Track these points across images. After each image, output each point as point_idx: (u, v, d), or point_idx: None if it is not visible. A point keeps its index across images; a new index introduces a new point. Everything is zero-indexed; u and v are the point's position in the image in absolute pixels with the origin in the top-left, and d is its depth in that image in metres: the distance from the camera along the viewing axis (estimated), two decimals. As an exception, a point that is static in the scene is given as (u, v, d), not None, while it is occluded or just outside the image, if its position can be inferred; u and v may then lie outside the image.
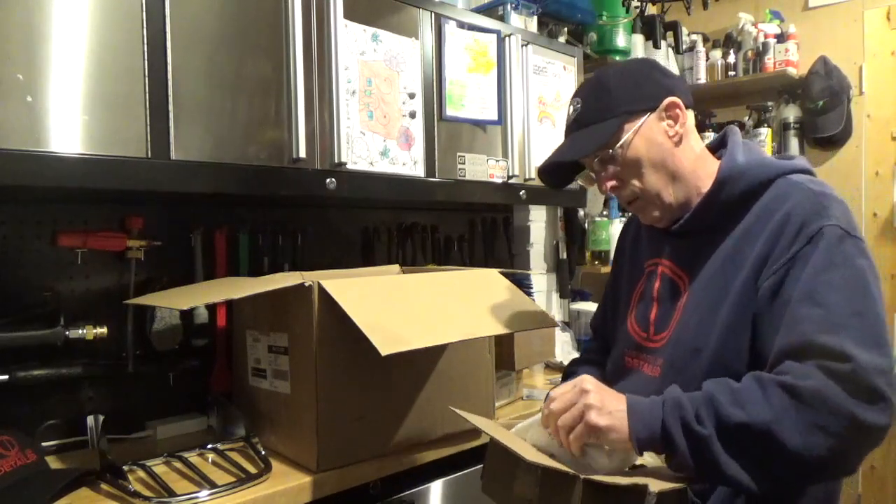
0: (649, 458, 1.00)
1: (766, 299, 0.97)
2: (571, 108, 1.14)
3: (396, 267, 1.72)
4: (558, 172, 1.19)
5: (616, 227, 2.73)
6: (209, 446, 1.34)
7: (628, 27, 2.71)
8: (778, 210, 1.01)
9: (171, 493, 1.12)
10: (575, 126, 1.12)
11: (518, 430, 1.09)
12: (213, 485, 1.15)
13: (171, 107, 1.18)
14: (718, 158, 1.12)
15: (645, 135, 1.07)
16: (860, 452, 0.89)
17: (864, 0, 2.98)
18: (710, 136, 3.14)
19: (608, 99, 1.09)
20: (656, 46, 2.89)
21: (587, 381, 0.98)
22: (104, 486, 1.16)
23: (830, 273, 0.93)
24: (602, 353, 1.30)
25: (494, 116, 1.79)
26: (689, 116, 1.11)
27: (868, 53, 2.98)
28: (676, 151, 1.08)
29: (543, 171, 1.20)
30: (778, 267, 0.97)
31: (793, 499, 1.01)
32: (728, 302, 1.01)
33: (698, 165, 1.10)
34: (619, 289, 1.29)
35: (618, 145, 1.07)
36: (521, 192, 1.88)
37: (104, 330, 1.39)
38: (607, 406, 0.95)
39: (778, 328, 0.94)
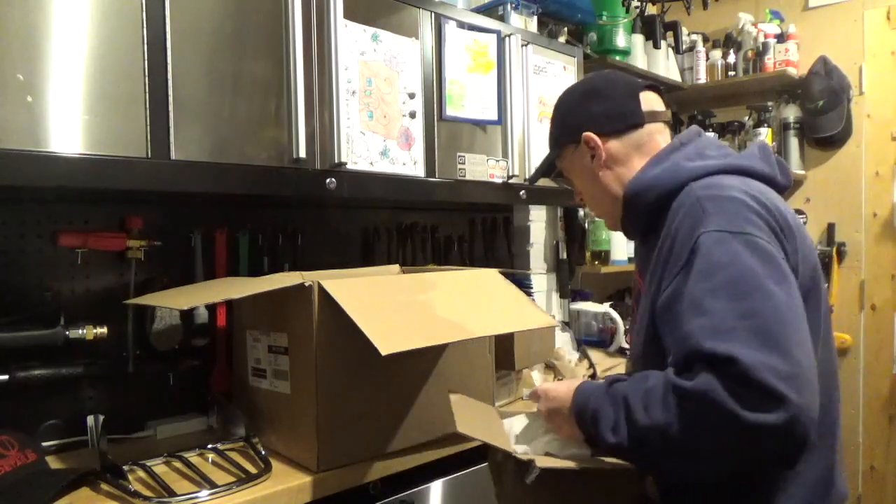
0: None
1: (662, 312, 0.98)
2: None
3: (396, 267, 1.72)
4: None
5: (616, 227, 2.73)
6: (209, 446, 1.34)
7: (628, 27, 2.71)
8: (675, 218, 1.02)
9: (171, 493, 1.12)
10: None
11: (510, 420, 1.22)
12: (213, 485, 1.15)
13: (171, 107, 1.18)
14: None
15: (574, 162, 1.23)
16: (761, 452, 0.85)
17: (864, 0, 2.98)
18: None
19: (553, 129, 1.28)
20: (656, 46, 2.89)
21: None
22: (104, 486, 1.16)
23: (713, 279, 0.91)
24: None
25: (494, 116, 1.79)
26: (617, 142, 1.17)
27: (868, 53, 2.98)
28: (601, 175, 1.19)
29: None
30: (669, 281, 0.98)
31: (781, 489, 0.98)
32: (648, 311, 1.04)
33: (621, 182, 1.18)
34: None
35: (564, 162, 1.25)
36: (521, 192, 1.88)
37: (104, 330, 1.39)
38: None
39: (673, 340, 0.94)
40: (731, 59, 3.17)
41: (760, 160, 1.10)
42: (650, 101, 1.19)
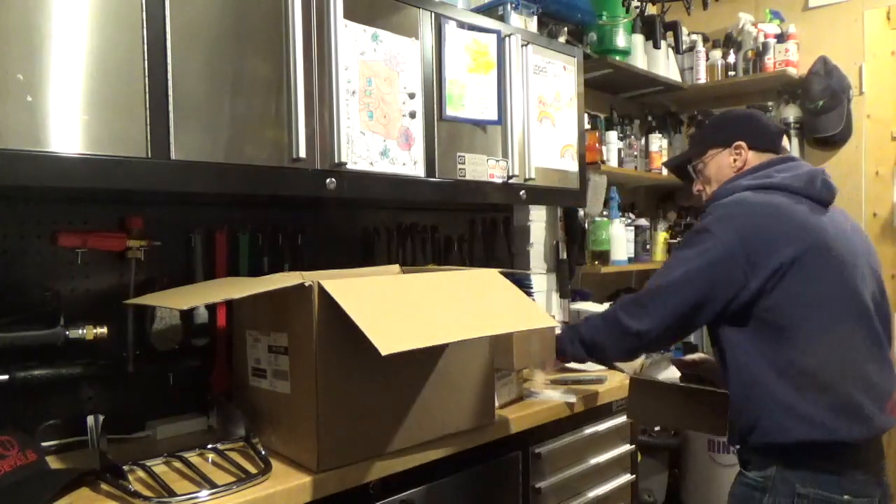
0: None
1: None
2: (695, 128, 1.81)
3: (396, 267, 1.72)
4: (679, 171, 1.76)
5: (616, 227, 2.73)
6: (209, 446, 1.34)
7: (628, 27, 2.72)
8: None
9: (171, 493, 1.12)
10: (689, 141, 1.82)
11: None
12: (213, 485, 1.15)
13: (171, 107, 1.18)
14: None
15: (716, 161, 1.62)
16: (632, 344, 1.52)
17: (864, 0, 2.98)
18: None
19: (703, 134, 1.79)
20: (656, 46, 2.89)
21: None
22: (104, 486, 1.16)
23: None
24: None
25: (494, 116, 1.79)
26: (753, 153, 1.59)
27: (868, 53, 2.98)
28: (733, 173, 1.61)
29: (669, 168, 1.85)
30: None
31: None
32: None
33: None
34: None
35: (699, 161, 1.66)
36: (521, 192, 1.88)
37: (104, 330, 1.39)
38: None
39: None
40: (731, 59, 3.17)
41: (803, 181, 1.51)
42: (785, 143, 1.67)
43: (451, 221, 2.18)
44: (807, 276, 1.35)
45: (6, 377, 1.28)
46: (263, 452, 1.28)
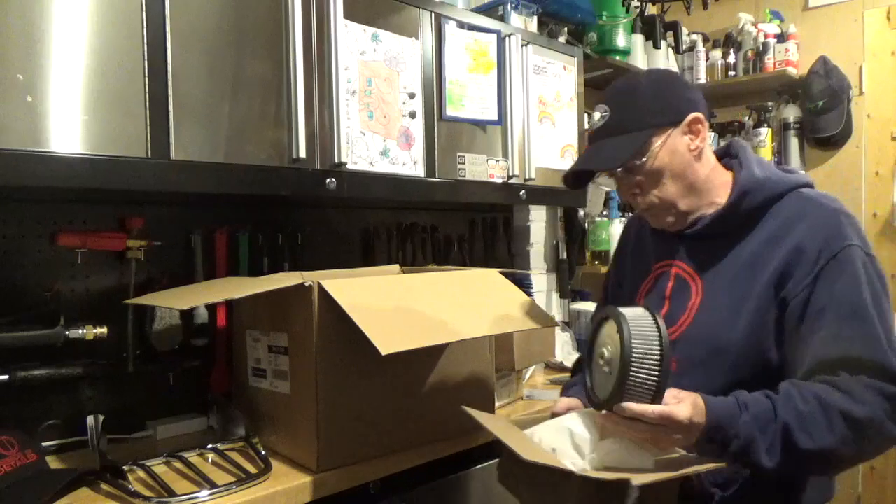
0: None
1: (797, 310, 1.04)
2: (598, 114, 1.16)
3: (396, 267, 1.72)
4: (580, 176, 1.23)
5: (616, 227, 2.73)
6: (209, 446, 1.34)
7: (628, 27, 2.71)
8: (798, 223, 1.08)
9: (171, 493, 1.12)
10: (603, 133, 1.15)
11: (531, 430, 1.09)
12: (213, 485, 1.15)
13: (171, 107, 1.18)
14: (725, 167, 1.20)
15: (669, 148, 1.12)
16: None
17: (864, 0, 2.98)
18: (710, 136, 3.13)
19: (637, 110, 1.13)
20: (656, 46, 2.88)
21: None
22: (104, 486, 1.16)
23: (861, 292, 1.01)
24: None
25: (494, 116, 1.79)
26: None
27: (868, 53, 2.98)
28: (695, 164, 1.14)
29: (569, 176, 1.22)
30: (808, 282, 1.04)
31: (800, 485, 1.09)
32: (751, 305, 1.08)
33: (712, 176, 1.17)
34: (621, 289, 1.33)
35: (643, 157, 1.11)
36: (521, 192, 1.88)
37: (104, 330, 1.39)
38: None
39: (811, 339, 1.02)
40: (731, 59, 3.17)
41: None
42: None
43: (451, 221, 2.18)
44: None
45: (6, 377, 1.28)
46: (263, 452, 1.28)
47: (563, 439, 1.01)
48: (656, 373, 0.92)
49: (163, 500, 1.10)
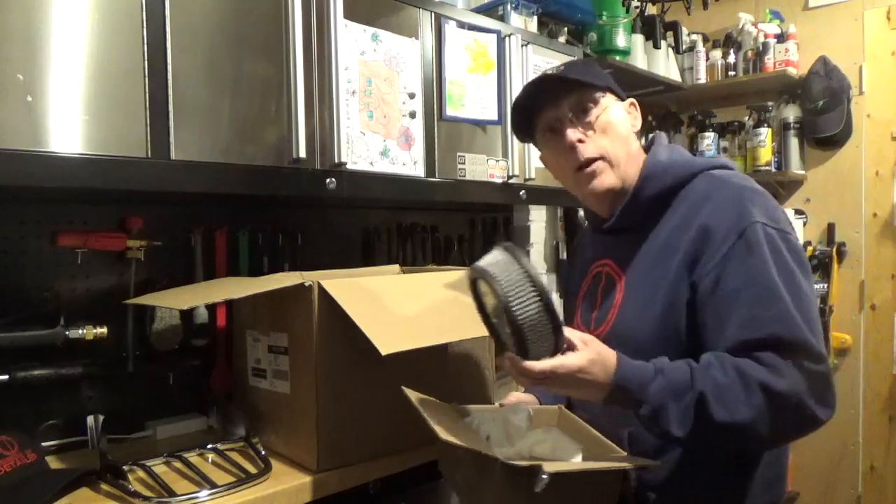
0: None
1: (708, 291, 1.02)
2: (552, 70, 1.18)
3: (396, 267, 1.72)
4: (525, 114, 1.22)
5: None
6: (209, 446, 1.34)
7: (628, 27, 2.71)
8: (705, 204, 1.07)
9: (171, 493, 1.12)
10: (562, 72, 1.15)
11: (473, 417, 1.14)
12: (213, 485, 1.15)
13: (171, 107, 1.18)
14: None
15: (619, 111, 1.17)
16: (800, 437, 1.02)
17: (864, 0, 2.98)
18: (711, 136, 3.15)
19: (596, 72, 1.19)
20: (656, 46, 2.88)
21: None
22: (104, 486, 1.16)
23: (769, 270, 0.98)
24: None
25: (494, 116, 1.79)
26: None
27: (868, 53, 2.98)
28: (632, 137, 1.19)
29: (531, 90, 1.18)
30: (715, 263, 1.02)
31: (745, 480, 1.07)
32: (664, 294, 1.06)
33: (636, 159, 1.18)
34: (569, 291, 1.36)
35: (601, 103, 1.15)
36: (521, 192, 1.88)
37: (104, 330, 1.39)
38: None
39: (725, 320, 0.99)
40: (731, 59, 3.17)
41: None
42: None
43: (451, 221, 2.18)
44: None
45: (6, 377, 1.28)
46: (263, 452, 1.28)
47: (499, 427, 1.06)
48: (537, 302, 0.91)
49: (163, 500, 1.10)
